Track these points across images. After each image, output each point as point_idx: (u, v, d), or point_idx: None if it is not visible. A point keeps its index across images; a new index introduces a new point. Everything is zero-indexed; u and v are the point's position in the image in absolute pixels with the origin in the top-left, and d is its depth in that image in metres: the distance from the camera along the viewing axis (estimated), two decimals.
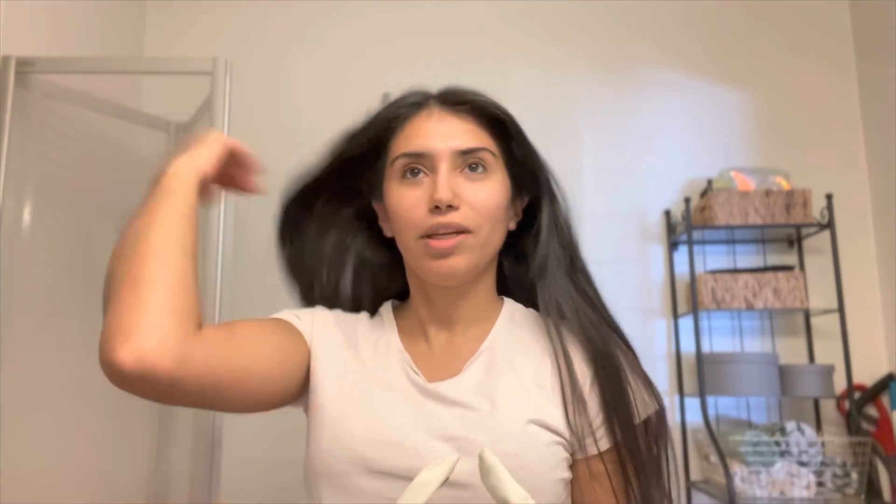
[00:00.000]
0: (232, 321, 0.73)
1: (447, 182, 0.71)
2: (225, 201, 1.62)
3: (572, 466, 0.72)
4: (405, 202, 0.74)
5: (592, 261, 0.80)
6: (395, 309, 0.85)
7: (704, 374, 2.04)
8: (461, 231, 0.72)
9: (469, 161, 0.74)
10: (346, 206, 0.88)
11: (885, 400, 2.14)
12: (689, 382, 2.21)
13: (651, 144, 2.39)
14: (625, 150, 2.38)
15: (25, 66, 1.62)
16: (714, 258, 2.30)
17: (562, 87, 2.43)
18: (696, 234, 2.22)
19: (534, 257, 0.80)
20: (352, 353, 0.79)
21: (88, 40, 2.06)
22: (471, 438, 0.68)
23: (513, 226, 0.82)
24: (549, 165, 0.82)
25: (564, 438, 0.70)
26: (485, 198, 0.73)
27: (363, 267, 0.87)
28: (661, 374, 2.24)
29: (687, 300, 2.23)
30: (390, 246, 0.84)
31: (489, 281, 0.82)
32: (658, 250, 2.33)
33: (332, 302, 0.87)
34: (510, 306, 0.83)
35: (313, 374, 0.77)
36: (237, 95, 1.67)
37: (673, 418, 2.22)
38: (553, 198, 0.81)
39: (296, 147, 2.39)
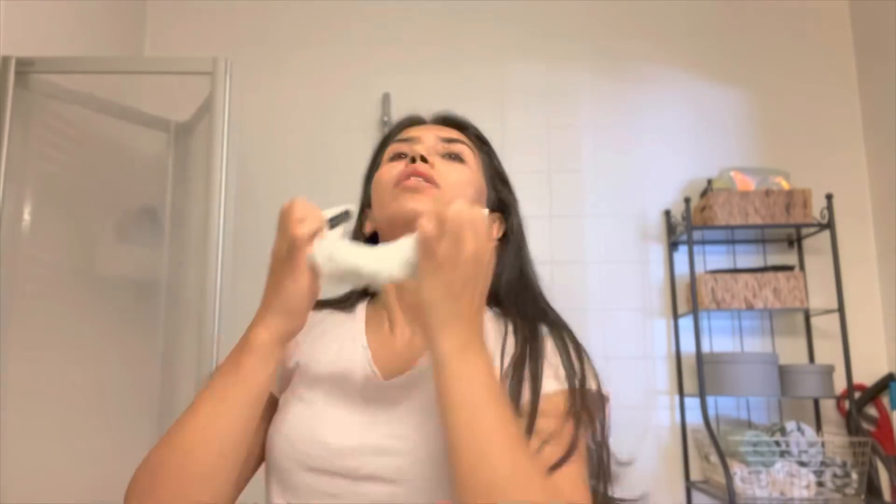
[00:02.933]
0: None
1: (428, 146, 0.81)
2: (224, 200, 1.62)
3: None
4: (386, 173, 0.81)
5: (593, 261, 0.81)
6: (368, 304, 0.89)
7: (704, 374, 2.04)
8: (431, 182, 0.78)
9: (450, 149, 0.82)
10: None
11: (885, 400, 2.14)
12: (689, 382, 2.21)
13: (651, 144, 2.39)
14: (625, 150, 2.38)
15: (25, 66, 1.63)
16: (714, 258, 2.30)
17: (562, 87, 2.43)
18: (696, 235, 2.22)
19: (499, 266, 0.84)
20: (311, 355, 0.81)
21: (88, 40, 2.06)
22: (412, 437, 0.71)
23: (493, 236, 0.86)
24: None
25: None
26: (457, 177, 0.80)
27: None
28: (661, 374, 2.25)
29: (687, 300, 2.23)
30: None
31: None
32: (658, 250, 2.33)
33: None
34: None
35: (281, 389, 0.81)
36: (237, 95, 1.67)
37: (673, 418, 2.22)
38: (516, 210, 0.90)
39: (296, 147, 2.41)
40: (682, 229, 2.19)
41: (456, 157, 0.82)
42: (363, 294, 0.91)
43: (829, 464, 1.98)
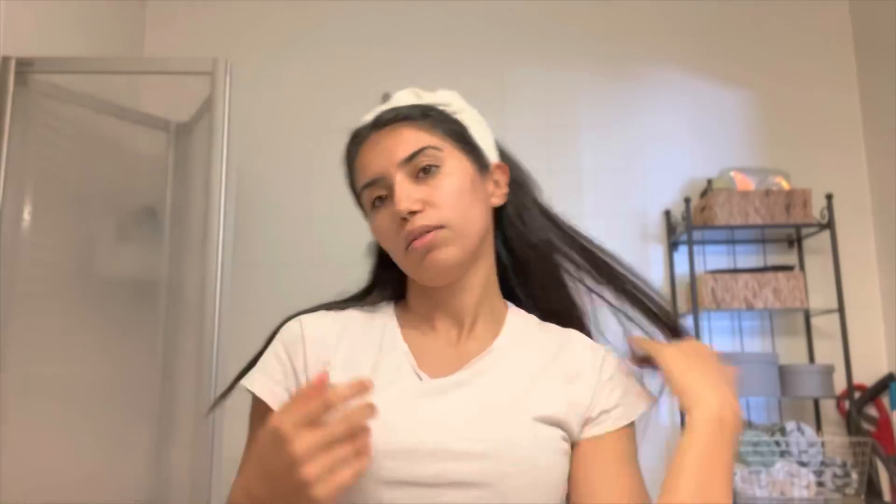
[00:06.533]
0: None
1: (402, 193, 0.74)
2: (224, 200, 1.62)
3: (575, 447, 0.75)
4: (381, 227, 0.77)
5: None
6: (396, 306, 0.85)
7: None
8: (433, 228, 0.74)
9: (418, 164, 0.76)
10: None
11: (885, 400, 2.14)
12: None
13: (651, 144, 2.39)
14: (625, 150, 2.38)
15: (25, 66, 1.63)
16: (714, 258, 2.30)
17: (562, 87, 2.43)
18: (696, 235, 2.22)
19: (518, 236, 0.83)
20: (353, 364, 0.77)
21: (88, 40, 2.06)
22: (480, 438, 0.70)
23: (498, 201, 0.82)
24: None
25: (567, 430, 0.74)
26: (443, 193, 0.75)
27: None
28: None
29: (687, 300, 2.23)
30: None
31: (485, 272, 0.81)
32: (658, 250, 2.33)
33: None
34: (515, 310, 0.85)
35: None
36: (237, 95, 1.67)
37: (673, 418, 2.22)
38: (518, 173, 0.86)
39: (296, 147, 2.40)
40: (682, 229, 2.19)
41: (429, 169, 0.75)
42: (381, 293, 0.86)
43: (829, 464, 1.98)
